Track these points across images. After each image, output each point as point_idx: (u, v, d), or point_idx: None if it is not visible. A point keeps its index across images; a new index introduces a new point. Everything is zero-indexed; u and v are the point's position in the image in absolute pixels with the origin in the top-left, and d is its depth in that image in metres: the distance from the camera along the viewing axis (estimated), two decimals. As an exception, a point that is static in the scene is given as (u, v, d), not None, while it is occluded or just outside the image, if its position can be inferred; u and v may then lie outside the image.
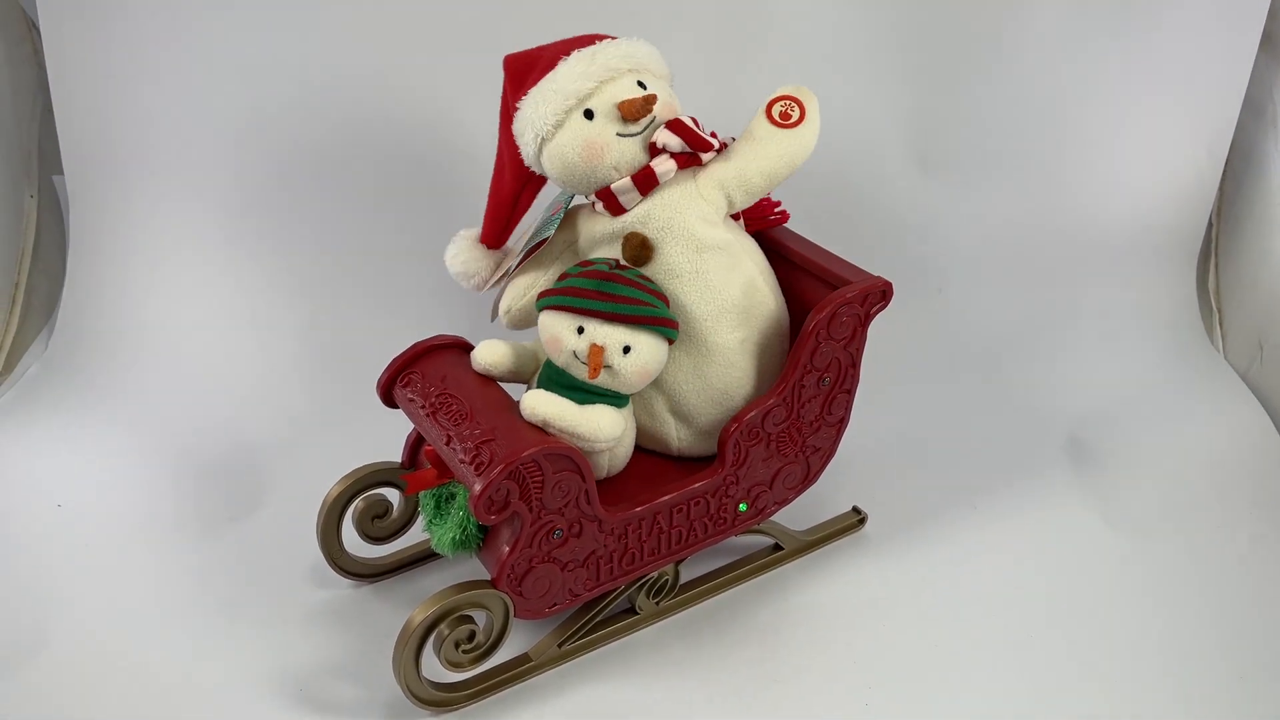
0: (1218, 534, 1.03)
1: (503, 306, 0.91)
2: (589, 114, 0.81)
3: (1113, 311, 1.35)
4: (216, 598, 0.94)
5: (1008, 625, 0.92)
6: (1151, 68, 1.32)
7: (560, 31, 1.26)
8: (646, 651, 0.90)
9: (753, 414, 0.86)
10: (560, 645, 0.88)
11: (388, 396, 0.88)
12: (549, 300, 0.82)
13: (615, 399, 0.83)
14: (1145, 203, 1.38)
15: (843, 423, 0.94)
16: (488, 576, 0.81)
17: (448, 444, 0.79)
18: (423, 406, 0.83)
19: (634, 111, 0.81)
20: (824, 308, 0.85)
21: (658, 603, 0.92)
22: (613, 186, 0.83)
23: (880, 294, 0.88)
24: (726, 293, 0.85)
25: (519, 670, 0.86)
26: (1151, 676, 0.88)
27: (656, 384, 0.87)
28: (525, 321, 0.90)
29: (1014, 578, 0.98)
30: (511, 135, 0.86)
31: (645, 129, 0.82)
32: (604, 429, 0.80)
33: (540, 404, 0.79)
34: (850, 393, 0.92)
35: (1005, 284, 1.36)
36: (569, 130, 0.82)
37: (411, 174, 1.29)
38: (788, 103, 0.85)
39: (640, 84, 0.83)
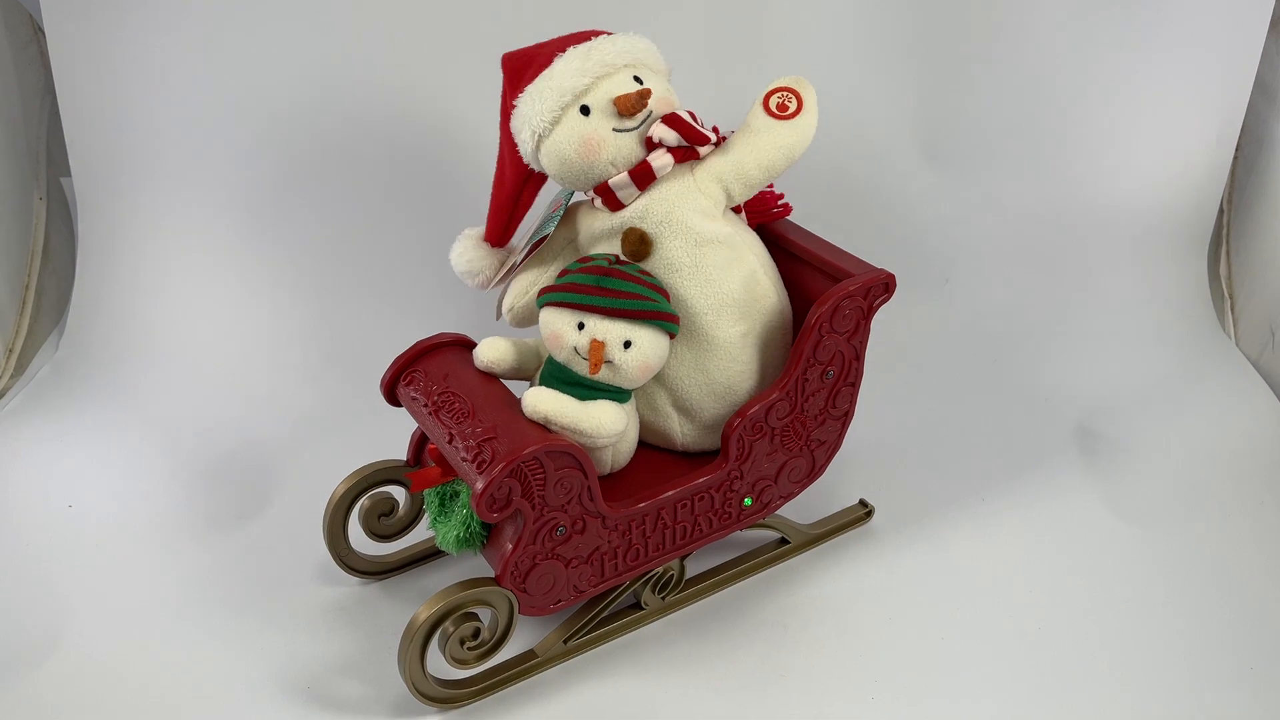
0: (1229, 523, 1.02)
1: (505, 305, 0.91)
2: (585, 110, 0.81)
3: (1123, 300, 1.34)
4: (225, 596, 0.94)
5: (1016, 617, 0.92)
6: (1160, 53, 1.31)
7: (561, 28, 1.26)
8: (652, 647, 0.90)
9: (756, 408, 0.85)
10: (566, 641, 0.88)
11: (391, 395, 0.88)
12: (549, 297, 0.82)
13: (617, 394, 0.83)
14: (1155, 189, 1.37)
15: (847, 416, 0.93)
16: (493, 573, 0.81)
17: (450, 442, 0.79)
18: (425, 405, 0.83)
19: (629, 106, 0.80)
20: (826, 301, 0.85)
21: (663, 598, 0.92)
22: (610, 182, 0.83)
23: (883, 286, 0.88)
24: (727, 286, 0.85)
25: (524, 667, 0.86)
26: (1162, 667, 0.87)
27: (659, 379, 0.87)
28: (528, 319, 0.90)
29: (1022, 569, 0.97)
30: (511, 133, 0.86)
31: (641, 124, 0.82)
32: (605, 425, 0.80)
33: (541, 401, 0.79)
34: (855, 385, 0.92)
35: (1013, 273, 1.36)
36: (565, 127, 0.81)
37: (416, 174, 1.29)
38: (785, 94, 0.84)
39: (637, 79, 0.82)
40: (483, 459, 0.75)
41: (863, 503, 1.04)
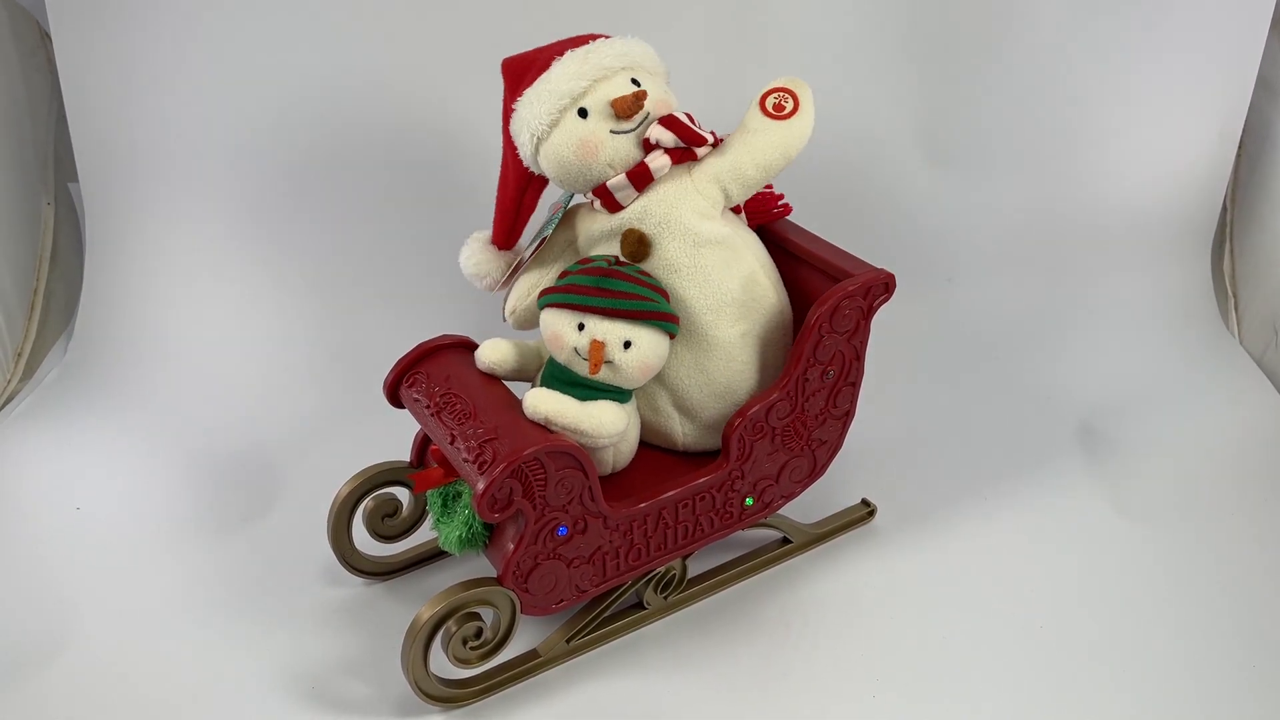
0: (1232, 521, 1.02)
1: (508, 308, 0.91)
2: (583, 112, 0.82)
3: (1126, 298, 1.34)
4: (230, 596, 0.95)
5: (1018, 616, 0.92)
6: (1162, 51, 1.30)
7: (563, 31, 1.27)
8: (655, 646, 0.90)
9: (756, 408, 0.86)
10: (568, 641, 0.88)
11: (394, 396, 0.89)
12: (549, 298, 0.83)
13: (618, 395, 0.83)
14: (1158, 188, 1.37)
15: (848, 415, 0.94)
16: (495, 574, 0.82)
17: (452, 443, 0.80)
18: (428, 406, 0.84)
19: (626, 108, 0.81)
20: (826, 301, 0.85)
21: (665, 597, 0.92)
22: (609, 184, 0.84)
23: (883, 286, 0.88)
24: (726, 286, 0.85)
25: (527, 666, 0.87)
26: (1164, 665, 0.87)
27: (659, 379, 0.87)
28: (530, 321, 0.91)
29: (1025, 568, 0.97)
30: (511, 137, 0.87)
31: (639, 125, 0.83)
32: (606, 425, 0.81)
33: (541, 402, 0.79)
34: (855, 385, 0.92)
35: (1015, 272, 1.36)
36: (563, 129, 0.82)
37: (420, 177, 1.30)
38: (781, 94, 0.85)
39: (634, 81, 0.83)
40: (484, 460, 0.76)
41: (865, 502, 1.04)
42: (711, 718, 0.83)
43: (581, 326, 0.81)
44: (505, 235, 0.92)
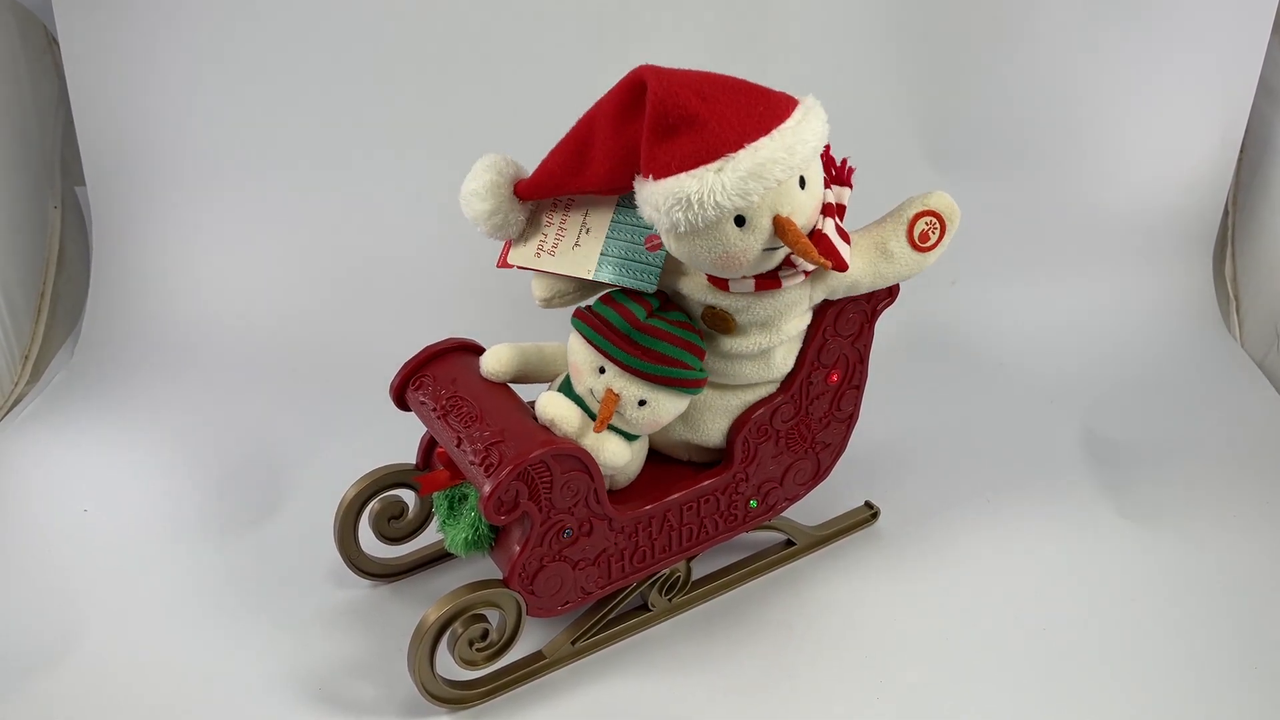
0: (1234, 523, 1.03)
1: (541, 294, 0.85)
2: (740, 221, 0.71)
3: (1128, 301, 1.35)
4: (237, 598, 0.95)
5: (1021, 618, 0.92)
6: (1164, 55, 1.31)
7: (568, 30, 1.27)
8: (659, 648, 0.90)
9: (761, 412, 0.86)
10: (574, 642, 0.88)
11: (400, 399, 0.89)
12: (580, 326, 0.80)
13: (627, 434, 0.83)
14: (1160, 191, 1.37)
15: (852, 418, 0.94)
16: (501, 576, 0.82)
17: (458, 446, 0.80)
18: (434, 409, 0.84)
19: (792, 240, 0.71)
20: (830, 304, 0.86)
21: (670, 599, 0.93)
22: (730, 281, 0.77)
23: (887, 290, 0.88)
24: (784, 366, 0.85)
25: (533, 668, 0.87)
26: (1166, 667, 0.87)
27: (682, 417, 0.84)
28: (561, 306, 0.86)
29: (1027, 570, 0.98)
30: (612, 136, 0.75)
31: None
32: (606, 455, 0.80)
33: (552, 407, 0.80)
34: (859, 388, 0.92)
35: (1019, 275, 1.36)
36: (713, 235, 0.71)
37: (427, 175, 1.30)
38: (931, 221, 0.82)
39: (801, 180, 0.72)
40: (490, 462, 0.76)
41: (868, 504, 1.05)
42: (716, 719, 0.84)
43: (603, 370, 0.79)
44: (541, 196, 0.81)
